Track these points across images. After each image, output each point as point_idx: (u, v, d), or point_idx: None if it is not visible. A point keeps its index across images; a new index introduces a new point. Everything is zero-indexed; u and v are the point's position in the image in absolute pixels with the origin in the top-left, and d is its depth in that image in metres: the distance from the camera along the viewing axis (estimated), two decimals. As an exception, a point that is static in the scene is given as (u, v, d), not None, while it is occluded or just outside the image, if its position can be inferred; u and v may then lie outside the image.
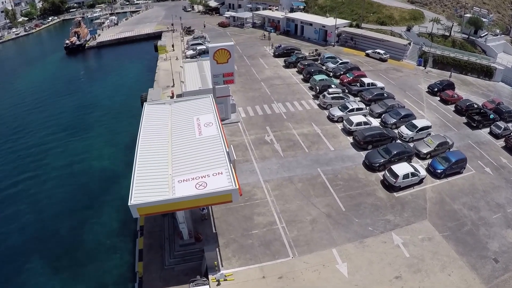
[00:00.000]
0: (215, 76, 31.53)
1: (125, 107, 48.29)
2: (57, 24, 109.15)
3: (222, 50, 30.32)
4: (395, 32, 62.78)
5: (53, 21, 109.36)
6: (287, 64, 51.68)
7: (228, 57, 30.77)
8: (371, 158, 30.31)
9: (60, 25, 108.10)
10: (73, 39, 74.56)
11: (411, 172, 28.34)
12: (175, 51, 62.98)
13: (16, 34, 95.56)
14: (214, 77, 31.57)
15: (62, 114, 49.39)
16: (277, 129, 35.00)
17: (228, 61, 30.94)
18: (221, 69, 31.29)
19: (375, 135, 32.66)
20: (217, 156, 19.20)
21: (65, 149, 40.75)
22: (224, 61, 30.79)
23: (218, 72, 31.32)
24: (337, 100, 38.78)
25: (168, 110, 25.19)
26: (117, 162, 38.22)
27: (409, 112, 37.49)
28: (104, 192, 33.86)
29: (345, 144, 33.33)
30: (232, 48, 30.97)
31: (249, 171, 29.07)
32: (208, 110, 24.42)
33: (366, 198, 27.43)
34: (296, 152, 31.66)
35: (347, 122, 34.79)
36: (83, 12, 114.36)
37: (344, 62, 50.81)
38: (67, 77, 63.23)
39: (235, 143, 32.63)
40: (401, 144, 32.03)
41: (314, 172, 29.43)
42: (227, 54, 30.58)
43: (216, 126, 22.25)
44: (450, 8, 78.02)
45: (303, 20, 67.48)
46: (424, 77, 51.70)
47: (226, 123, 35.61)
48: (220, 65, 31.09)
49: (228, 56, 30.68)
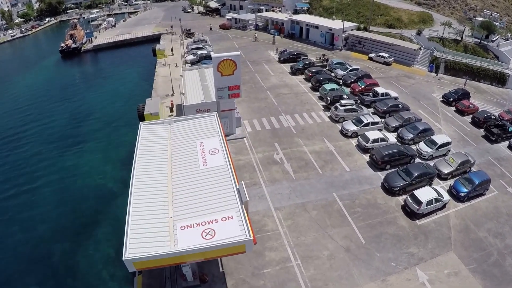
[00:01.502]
0: (220, 90, 28.49)
1: (121, 117, 45.49)
2: (54, 26, 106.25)
3: (227, 61, 27.26)
4: (405, 36, 60.02)
5: (50, 22, 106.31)
6: (294, 70, 48.86)
7: (234, 69, 27.74)
8: (391, 181, 27.62)
9: (57, 26, 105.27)
10: (69, 42, 71.61)
11: (435, 198, 25.96)
12: (175, 55, 60.12)
13: (12, 36, 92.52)
14: (218, 90, 28.54)
15: (55, 123, 46.69)
16: (286, 146, 32.22)
17: (234, 73, 27.89)
18: (226, 81, 28.30)
19: (394, 154, 29.95)
20: (226, 194, 16.43)
21: (58, 163, 38.17)
22: (230, 73, 27.76)
23: (222, 85, 28.29)
24: (350, 113, 36.00)
25: (167, 131, 22.34)
26: (112, 179, 35.79)
27: (427, 126, 34.81)
28: (99, 212, 31.43)
29: (361, 164, 30.59)
30: (238, 59, 27.92)
31: (258, 197, 26.30)
32: (213, 133, 21.58)
33: (387, 227, 24.86)
34: (309, 173, 28.90)
35: (363, 138, 32.04)
36: (81, 13, 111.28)
37: (354, 68, 48.02)
38: (62, 83, 60.36)
39: (242, 162, 29.87)
40: (422, 165, 29.32)
41: (329, 197, 26.70)
42: (233, 65, 27.54)
43: (223, 154, 19.46)
44: (458, 10, 75.45)
45: (309, 23, 64.59)
46: (437, 85, 49.04)
47: (230, 139, 32.83)
48: (225, 78, 28.04)
49: (234, 67, 27.66)
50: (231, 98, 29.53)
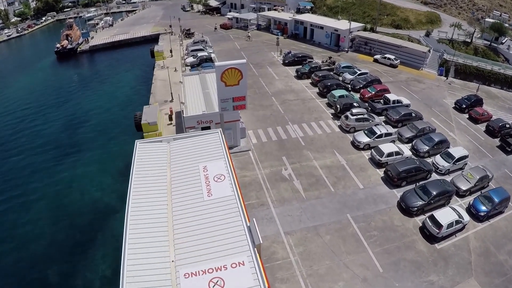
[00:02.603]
0: (223, 101, 26.21)
1: (118, 124, 43.23)
2: (51, 25, 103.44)
3: (232, 70, 24.90)
4: (413, 38, 57.80)
5: (47, 21, 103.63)
6: (300, 74, 46.55)
7: (239, 78, 25.37)
8: (408, 201, 25.62)
9: (54, 25, 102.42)
10: (64, 42, 69.06)
11: (455, 220, 24.14)
12: (174, 57, 57.75)
13: (7, 35, 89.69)
14: (222, 102, 26.24)
15: (49, 130, 44.46)
16: (295, 160, 30.10)
17: (240, 83, 25.47)
18: (231, 92, 25.96)
19: (410, 170, 27.94)
20: (236, 234, 14.37)
21: (52, 175, 36.02)
22: (235, 83, 25.41)
23: (226, 96, 25.93)
24: (362, 122, 33.88)
25: (165, 151, 20.15)
26: (109, 192, 33.77)
27: (442, 137, 32.77)
28: (96, 229, 29.47)
29: (375, 179, 28.55)
30: (244, 67, 25.48)
31: (266, 219, 24.24)
32: (218, 154, 19.43)
33: (405, 252, 22.97)
34: (320, 191, 26.82)
35: (377, 152, 29.95)
36: (78, 11, 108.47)
37: (363, 73, 45.71)
38: (57, 86, 57.92)
39: (247, 179, 27.76)
40: (441, 182, 27.27)
41: (343, 219, 24.67)
42: (238, 74, 25.15)
43: (229, 181, 17.34)
44: (466, 10, 73.39)
45: (313, 23, 62.13)
46: (448, 89, 47.00)
47: (235, 152, 30.75)
48: (229, 88, 25.60)
49: (239, 77, 25.31)
50: (236, 110, 27.25)
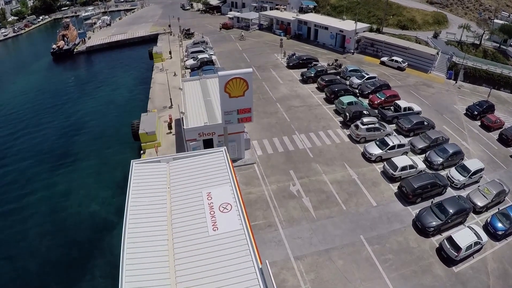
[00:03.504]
0: (227, 114, 24.32)
1: (116, 131, 41.26)
2: (48, 24, 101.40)
3: (237, 80, 23.03)
4: (421, 39, 55.87)
5: (44, 20, 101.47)
6: (305, 79, 44.62)
7: (245, 89, 23.49)
8: (425, 221, 23.95)
9: (52, 24, 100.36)
10: (61, 43, 66.96)
11: (474, 241, 22.58)
12: (173, 59, 55.73)
13: (4, 35, 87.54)
14: (226, 114, 24.36)
15: (44, 137, 42.57)
16: (303, 174, 28.32)
17: (245, 93, 23.61)
18: (235, 104, 24.10)
19: (426, 185, 26.20)
20: (246, 278, 12.61)
21: (47, 187, 34.26)
22: (240, 94, 23.53)
23: (230, 108, 24.05)
24: (373, 132, 32.08)
25: (164, 173, 18.24)
26: (107, 206, 32.09)
27: (457, 148, 31.02)
28: (93, 246, 27.94)
29: (389, 195, 26.81)
30: (250, 77, 23.52)
31: (274, 242, 22.51)
32: (223, 177, 17.58)
33: (422, 277, 21.39)
34: (331, 210, 25.07)
35: (390, 165, 28.16)
36: (76, 10, 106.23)
37: (371, 77, 43.82)
38: (53, 89, 55.95)
39: (253, 196, 25.98)
40: (458, 199, 25.54)
41: (356, 241, 22.97)
42: (244, 85, 23.27)
43: (237, 211, 15.53)
44: (472, 10, 71.57)
45: (318, 23, 60.10)
46: (458, 94, 45.15)
47: (239, 165, 28.96)
48: (234, 99, 23.79)
49: (244, 87, 23.42)
50: (241, 123, 25.37)
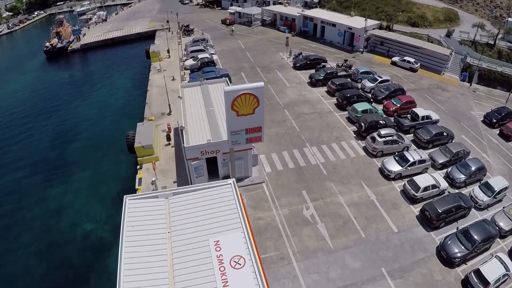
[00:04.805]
0: (234, 133, 21.59)
1: (111, 138, 38.66)
2: (43, 19, 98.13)
3: (245, 97, 19.75)
4: (433, 38, 52.89)
5: (39, 15, 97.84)
6: (314, 82, 41.62)
7: (255, 106, 20.37)
8: (450, 250, 21.66)
9: (47, 20, 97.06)
10: (54, 41, 63.84)
11: (503, 274, 20.49)
12: (171, 58, 52.70)
13: None
14: (233, 134, 21.60)
15: (36, 145, 40.17)
16: (317, 195, 25.75)
17: (255, 111, 20.75)
18: (244, 123, 20.38)
19: (451, 209, 23.78)
20: None
21: (40, 201, 31.94)
22: (249, 111, 20.46)
23: (238, 127, 20.73)
24: (391, 145, 29.51)
25: (163, 213, 15.51)
26: (102, 224, 30.03)
27: (480, 164, 28.47)
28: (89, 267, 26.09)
29: (410, 219, 24.37)
30: (261, 93, 19.99)
31: (288, 279, 20.09)
32: (233, 221, 14.83)
33: (451, 315, 19.08)
34: (349, 238, 22.62)
35: (411, 185, 25.61)
36: (71, 5, 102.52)
37: (384, 80, 40.92)
38: (46, 91, 53.13)
39: (263, 223, 23.49)
40: (484, 225, 23.11)
41: (377, 275, 20.59)
42: (254, 101, 20.03)
43: (251, 266, 13.05)
44: (483, 7, 68.50)
45: (325, 20, 56.88)
46: (474, 98, 42.43)
47: (246, 185, 26.42)
48: (242, 118, 20.15)
49: (255, 104, 20.31)
50: (249, 144, 22.66)
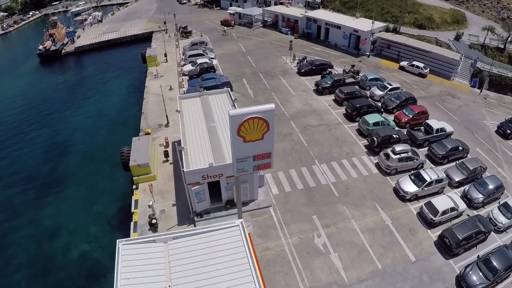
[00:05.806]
0: (240, 161, 19.56)
1: (107, 152, 36.61)
2: (38, 20, 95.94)
3: (254, 121, 16.78)
4: (442, 41, 51.04)
5: (34, 16, 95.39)
6: (321, 89, 39.56)
7: (265, 131, 17.62)
8: (471, 281, 20.11)
9: (42, 20, 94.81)
10: (48, 44, 61.60)
11: None
12: (168, 62, 50.60)
13: None
14: (239, 162, 19.53)
15: (28, 158, 38.19)
16: (329, 221, 23.92)
17: (264, 137, 18.17)
18: (251, 149, 17.72)
19: (471, 235, 22.16)
20: None
21: (32, 221, 30.08)
22: (258, 137, 17.78)
23: (245, 154, 17.99)
24: (405, 162, 27.76)
25: (162, 262, 13.57)
26: (98, 246, 28.18)
27: (498, 182, 26.78)
28: None
29: (428, 246, 22.65)
30: (271, 116, 16.79)
31: (301, 321, 18.48)
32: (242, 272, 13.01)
33: None
34: (364, 269, 20.89)
35: (429, 209, 23.87)
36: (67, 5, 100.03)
37: (394, 87, 38.95)
38: (39, 99, 51.03)
39: (271, 253, 21.70)
40: (506, 252, 21.43)
41: (399, 314, 18.99)
42: (263, 126, 17.09)
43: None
44: (490, 8, 66.73)
45: (329, 21, 54.82)
46: (485, 106, 40.66)
47: (252, 209, 24.61)
48: (250, 144, 17.58)
49: (264, 129, 17.44)
50: (257, 171, 20.74)
